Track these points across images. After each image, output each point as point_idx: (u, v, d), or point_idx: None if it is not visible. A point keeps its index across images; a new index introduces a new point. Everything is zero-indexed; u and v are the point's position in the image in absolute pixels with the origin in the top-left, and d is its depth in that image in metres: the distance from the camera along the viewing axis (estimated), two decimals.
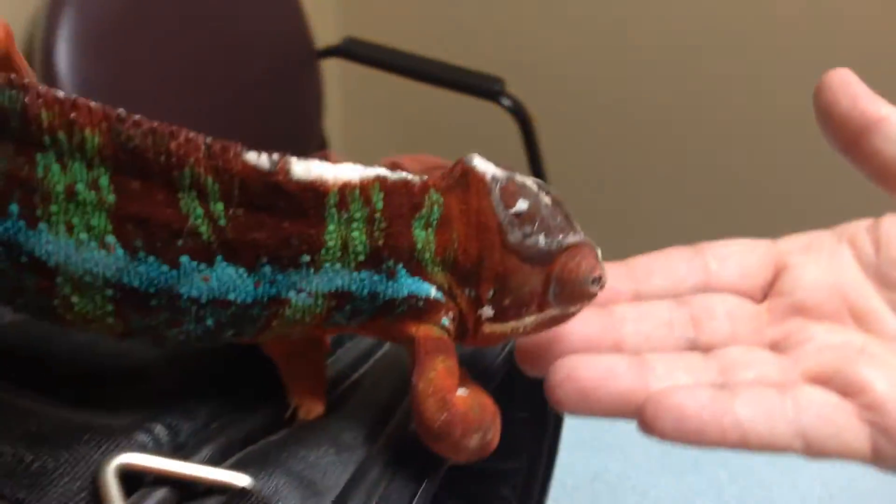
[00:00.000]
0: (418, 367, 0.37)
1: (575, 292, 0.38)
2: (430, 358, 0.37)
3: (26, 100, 0.30)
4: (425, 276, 0.37)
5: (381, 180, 0.34)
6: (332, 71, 1.93)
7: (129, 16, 1.39)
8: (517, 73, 1.65)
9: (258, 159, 0.32)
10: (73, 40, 1.30)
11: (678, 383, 0.39)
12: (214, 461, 0.35)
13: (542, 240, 0.37)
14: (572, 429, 0.82)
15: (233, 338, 0.35)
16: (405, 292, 0.36)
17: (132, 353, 0.40)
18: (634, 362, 0.40)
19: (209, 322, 0.34)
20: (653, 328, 0.43)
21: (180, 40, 1.46)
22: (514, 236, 0.36)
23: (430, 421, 0.36)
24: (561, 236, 0.37)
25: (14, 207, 0.31)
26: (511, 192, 0.37)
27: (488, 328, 0.38)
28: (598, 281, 0.38)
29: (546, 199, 0.38)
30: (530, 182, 0.38)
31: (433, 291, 0.37)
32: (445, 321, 0.38)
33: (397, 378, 0.43)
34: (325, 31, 1.82)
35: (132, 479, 0.33)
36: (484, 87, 1.59)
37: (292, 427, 0.39)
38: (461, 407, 0.36)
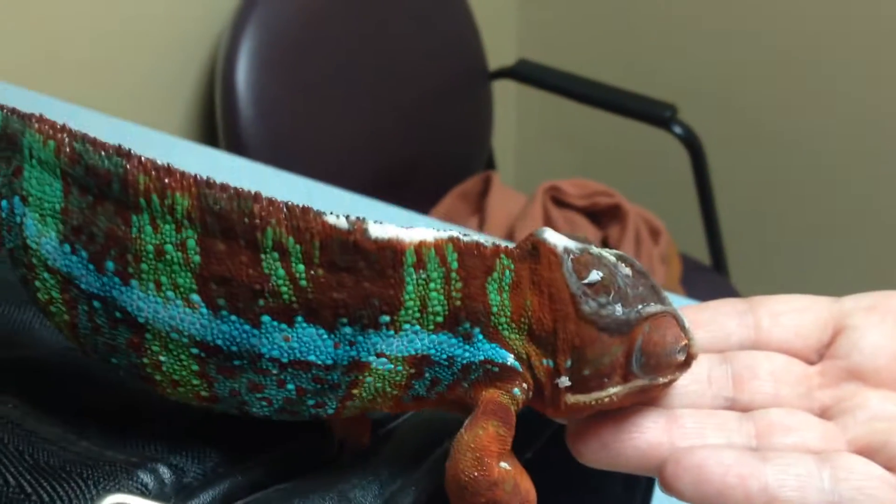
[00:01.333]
0: (471, 421, 0.37)
1: (661, 363, 0.37)
2: (486, 418, 0.37)
3: (128, 165, 0.33)
4: (502, 344, 0.37)
5: (454, 241, 0.35)
6: (508, 92, 1.96)
7: (308, 35, 1.45)
8: (690, 101, 1.61)
9: (336, 220, 0.33)
10: (254, 59, 1.37)
11: (707, 442, 0.38)
12: None
13: (619, 309, 0.37)
14: None
15: (314, 410, 0.37)
16: (482, 357, 0.37)
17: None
18: (663, 415, 0.39)
19: (290, 386, 0.35)
20: (689, 383, 0.41)
21: (356, 59, 1.51)
22: (589, 306, 0.36)
23: (461, 473, 0.36)
24: (640, 306, 0.37)
25: (111, 264, 0.34)
26: (584, 262, 0.37)
27: (571, 399, 0.38)
28: (685, 350, 0.38)
29: (626, 270, 0.38)
30: (608, 253, 0.38)
31: (510, 359, 0.37)
32: (517, 391, 0.37)
33: (425, 437, 0.44)
34: (501, 53, 1.84)
35: None
36: (655, 114, 1.56)
37: (304, 477, 0.40)
38: (496, 475, 0.36)
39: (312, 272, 0.34)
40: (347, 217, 0.34)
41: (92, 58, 1.32)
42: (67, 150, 0.34)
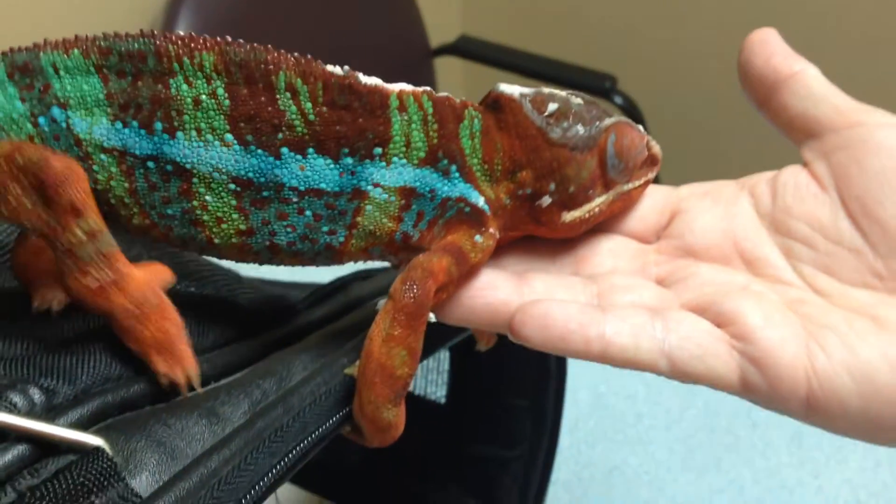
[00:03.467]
0: (431, 250, 0.42)
1: (633, 163, 0.44)
2: (444, 252, 0.42)
3: (156, 42, 0.39)
4: (476, 185, 0.43)
5: (427, 93, 0.42)
6: (455, 68, 1.97)
7: (243, 16, 1.46)
8: (630, 71, 1.63)
9: (334, 68, 0.40)
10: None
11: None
12: (83, 424, 0.39)
13: (581, 129, 0.43)
14: (595, 421, 0.82)
15: (328, 238, 0.42)
16: (457, 193, 0.43)
17: (30, 315, 0.44)
18: (515, 277, 0.43)
19: (308, 213, 0.41)
20: (534, 258, 0.46)
21: (293, 39, 1.52)
22: (555, 133, 0.42)
23: (407, 281, 0.40)
24: (598, 122, 0.43)
25: (159, 125, 0.40)
26: (540, 100, 0.43)
27: (567, 216, 0.44)
28: (647, 147, 0.45)
29: (577, 100, 0.44)
30: (558, 91, 0.44)
31: (481, 202, 0.43)
32: (479, 238, 0.43)
33: (293, 363, 0.46)
34: (447, 30, 1.85)
35: None
36: (595, 84, 1.58)
37: (179, 398, 0.42)
38: (429, 302, 0.40)
39: (318, 109, 0.40)
40: (342, 66, 0.41)
41: None
42: (95, 48, 0.40)
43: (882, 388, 0.37)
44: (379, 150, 0.41)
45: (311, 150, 0.41)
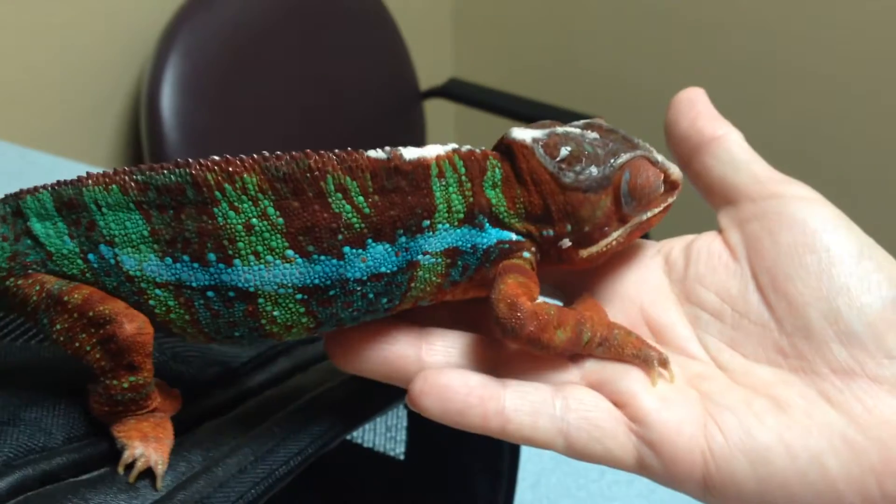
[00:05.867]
0: (495, 283, 0.42)
1: (648, 198, 0.44)
2: (505, 275, 0.42)
3: (192, 171, 0.39)
4: (506, 227, 0.44)
5: (457, 152, 0.42)
6: (447, 111, 1.98)
7: (234, 60, 1.47)
8: (618, 115, 1.64)
9: (376, 153, 0.40)
10: (177, 86, 1.39)
11: (451, 361, 0.43)
12: (1, 498, 0.39)
13: (594, 170, 0.43)
14: (558, 477, 0.82)
15: (388, 305, 0.42)
16: (494, 240, 0.43)
17: None
18: (414, 331, 0.44)
19: (371, 295, 0.41)
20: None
21: (284, 82, 1.53)
22: (568, 177, 0.43)
23: (503, 321, 0.41)
24: (612, 160, 0.43)
25: (212, 256, 0.40)
26: (552, 144, 0.43)
27: (584, 253, 0.44)
28: (663, 183, 0.44)
29: (592, 134, 0.44)
30: (572, 128, 0.45)
31: (514, 236, 0.44)
32: (526, 254, 0.44)
33: (222, 429, 0.46)
34: (438, 73, 1.87)
35: None
36: None
37: (102, 469, 0.42)
38: (530, 307, 0.41)
39: (370, 200, 0.40)
40: (383, 149, 0.41)
41: (16, 92, 1.34)
42: (132, 184, 0.39)
43: (777, 472, 0.37)
44: (427, 221, 0.42)
45: (369, 240, 0.40)
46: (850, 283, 0.40)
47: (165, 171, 0.39)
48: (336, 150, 0.40)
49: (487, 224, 0.43)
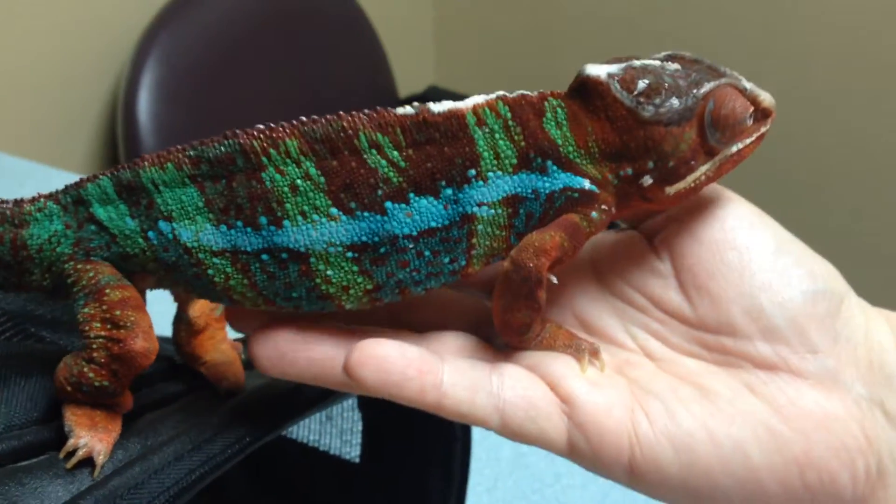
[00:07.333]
0: (545, 227, 0.42)
1: (736, 129, 0.42)
2: (557, 228, 0.42)
3: (241, 140, 0.41)
4: (576, 171, 0.42)
5: (502, 98, 0.42)
6: None
7: (210, 64, 1.48)
8: None
9: (404, 109, 0.41)
10: (154, 91, 1.40)
11: None
12: None
13: (675, 102, 0.41)
14: (514, 480, 0.83)
15: (452, 265, 0.43)
16: (561, 185, 0.42)
17: None
18: (342, 330, 0.44)
19: (427, 253, 0.42)
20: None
21: (262, 87, 1.54)
22: (647, 111, 0.41)
23: (520, 260, 0.41)
24: (695, 90, 0.42)
25: (263, 219, 0.41)
26: (629, 79, 0.42)
27: (671, 190, 0.42)
28: (751, 113, 0.42)
29: (673, 66, 0.42)
30: (652, 60, 0.43)
31: (587, 184, 0.42)
32: (595, 214, 0.42)
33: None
34: (419, 80, 1.88)
35: None
36: None
37: (42, 456, 0.43)
38: (544, 275, 0.41)
39: (405, 153, 0.41)
40: (412, 104, 0.41)
41: None
42: (186, 160, 0.42)
43: (700, 459, 0.38)
44: (472, 171, 0.41)
45: (411, 194, 0.41)
46: (772, 279, 0.41)
47: (216, 144, 0.41)
48: (366, 110, 0.41)
49: (553, 167, 0.42)
